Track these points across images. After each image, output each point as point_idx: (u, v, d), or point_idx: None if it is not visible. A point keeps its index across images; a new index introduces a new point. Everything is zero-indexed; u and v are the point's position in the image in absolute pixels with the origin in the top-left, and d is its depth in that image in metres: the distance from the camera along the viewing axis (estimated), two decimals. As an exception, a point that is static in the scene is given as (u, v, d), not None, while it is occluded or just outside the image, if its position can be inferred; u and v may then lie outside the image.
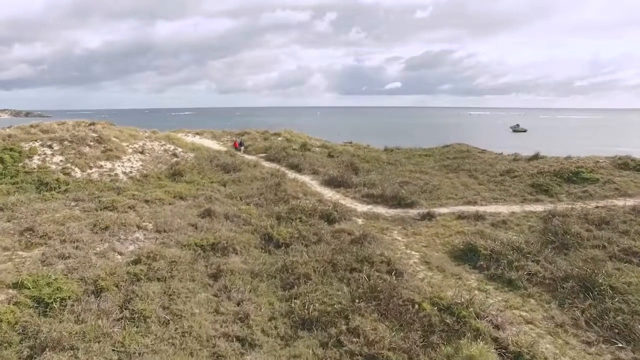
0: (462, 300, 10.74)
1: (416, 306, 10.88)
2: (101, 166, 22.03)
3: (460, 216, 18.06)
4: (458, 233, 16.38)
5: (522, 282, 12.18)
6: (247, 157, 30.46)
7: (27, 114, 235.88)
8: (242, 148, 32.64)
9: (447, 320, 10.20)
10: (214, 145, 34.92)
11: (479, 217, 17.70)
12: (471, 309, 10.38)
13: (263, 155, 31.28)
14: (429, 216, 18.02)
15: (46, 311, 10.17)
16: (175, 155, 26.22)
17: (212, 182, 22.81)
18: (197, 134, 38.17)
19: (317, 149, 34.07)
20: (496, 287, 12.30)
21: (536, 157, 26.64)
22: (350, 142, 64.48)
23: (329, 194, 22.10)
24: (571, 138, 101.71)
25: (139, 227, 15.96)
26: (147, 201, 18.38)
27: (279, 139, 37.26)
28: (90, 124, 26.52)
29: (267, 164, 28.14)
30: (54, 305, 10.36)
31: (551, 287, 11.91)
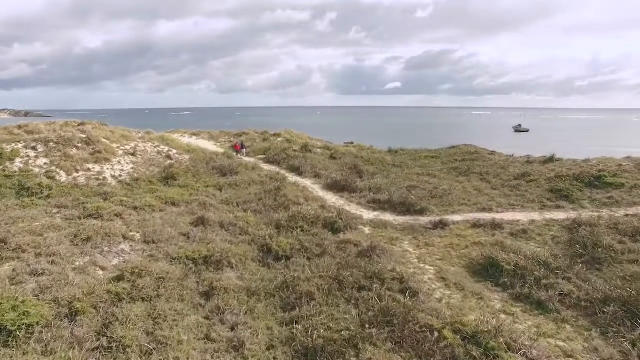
0: (489, 327, 9.31)
1: (436, 334, 9.47)
2: (89, 169, 20.61)
3: (476, 224, 16.64)
4: (475, 244, 14.96)
5: (553, 304, 10.73)
6: (246, 159, 29.05)
7: (27, 114, 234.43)
8: (244, 151, 30.73)
9: (474, 353, 8.77)
10: (211, 146, 33.52)
11: (496, 225, 16.28)
12: (501, 339, 8.95)
13: (262, 157, 29.87)
14: (442, 225, 16.60)
15: (8, 341, 8.75)
16: (169, 157, 24.82)
17: (208, 186, 21.40)
18: (194, 134, 36.77)
19: (318, 150, 32.65)
20: (524, 310, 10.86)
21: (552, 159, 25.13)
22: (352, 143, 63.08)
23: (332, 199, 20.69)
24: (577, 138, 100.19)
25: (125, 237, 14.56)
26: (135, 208, 16.97)
27: (279, 139, 35.85)
28: (79, 124, 25.09)
29: (266, 167, 26.74)
30: (18, 333, 8.94)
31: (589, 310, 10.45)
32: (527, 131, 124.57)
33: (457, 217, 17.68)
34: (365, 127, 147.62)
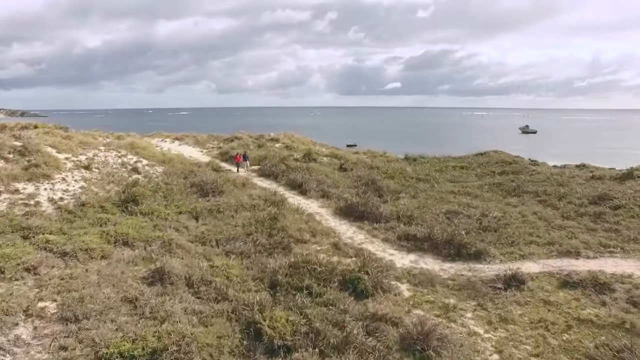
0: None
1: None
2: (17, 190, 15.12)
3: (567, 282, 11.22)
4: (581, 322, 9.56)
5: None
6: (245, 174, 22.87)
7: (23, 114, 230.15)
8: (247, 163, 24.13)
9: None
10: (195, 153, 28.04)
11: (600, 285, 10.84)
12: None
13: (255, 168, 24.32)
14: (516, 282, 11.16)
15: None
16: (135, 170, 19.32)
17: (180, 212, 15.91)
18: (177, 139, 31.20)
19: (324, 158, 27.13)
20: None
21: (631, 175, 19.32)
22: (355, 145, 57.83)
23: (348, 231, 15.24)
24: (590, 140, 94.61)
25: (28, 313, 9.16)
26: (65, 254, 11.51)
27: (277, 145, 30.27)
28: (20, 128, 19.59)
29: (260, 182, 21.22)
30: None
31: None
32: (534, 132, 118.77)
33: (531, 266, 12.24)
34: (367, 128, 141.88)
